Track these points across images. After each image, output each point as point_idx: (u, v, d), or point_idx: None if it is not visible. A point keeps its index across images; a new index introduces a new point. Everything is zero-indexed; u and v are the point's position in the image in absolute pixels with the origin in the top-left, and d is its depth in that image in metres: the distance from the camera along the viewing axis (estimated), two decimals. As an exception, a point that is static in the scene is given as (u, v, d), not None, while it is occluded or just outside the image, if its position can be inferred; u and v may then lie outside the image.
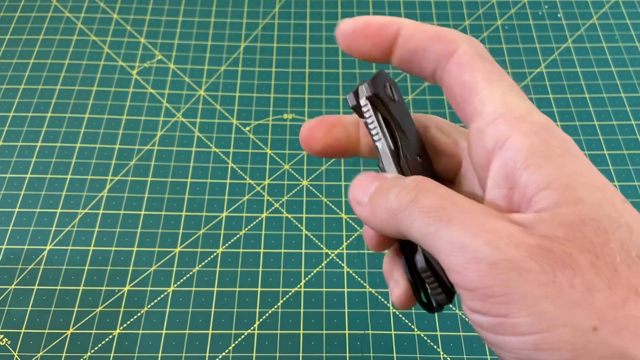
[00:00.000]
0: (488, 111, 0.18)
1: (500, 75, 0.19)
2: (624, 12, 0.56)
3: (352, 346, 0.39)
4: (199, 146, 0.47)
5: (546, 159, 0.16)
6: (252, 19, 0.56)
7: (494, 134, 0.17)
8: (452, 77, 0.19)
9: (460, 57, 0.19)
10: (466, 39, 0.20)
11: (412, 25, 0.20)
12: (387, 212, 0.18)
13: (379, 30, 0.20)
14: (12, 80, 0.51)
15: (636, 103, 0.50)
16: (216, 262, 0.42)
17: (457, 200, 0.17)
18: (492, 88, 0.18)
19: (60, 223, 0.43)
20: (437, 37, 0.19)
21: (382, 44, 0.20)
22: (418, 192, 0.18)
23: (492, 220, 0.16)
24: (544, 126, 0.17)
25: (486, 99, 0.18)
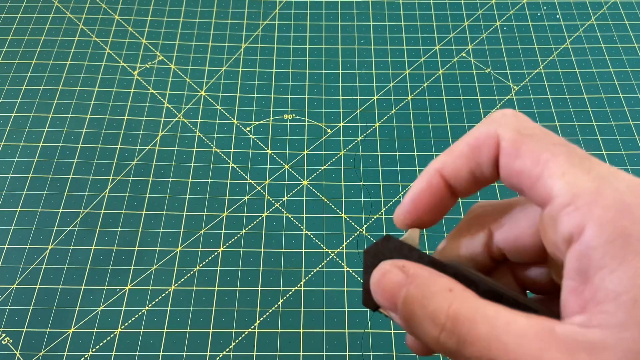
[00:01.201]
0: (555, 199, 0.17)
1: (549, 148, 0.17)
2: (622, 13, 0.56)
3: (352, 345, 0.39)
4: (199, 146, 0.48)
5: (621, 261, 0.15)
6: (252, 20, 0.56)
7: (567, 225, 0.16)
8: (504, 169, 0.18)
9: (503, 148, 0.18)
10: (497, 121, 0.19)
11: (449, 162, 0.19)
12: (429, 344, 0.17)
13: (430, 197, 0.20)
14: (14, 80, 0.51)
15: (634, 103, 0.50)
16: (217, 262, 0.42)
17: (505, 342, 0.16)
18: (549, 171, 0.17)
19: (62, 223, 0.44)
20: (475, 150, 0.19)
21: (443, 204, 0.20)
22: (459, 340, 0.16)
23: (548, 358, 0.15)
24: (619, 207, 0.16)
25: (548, 186, 0.17)
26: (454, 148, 0.20)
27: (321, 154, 0.47)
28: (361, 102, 0.50)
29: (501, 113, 0.19)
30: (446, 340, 0.16)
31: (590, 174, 0.16)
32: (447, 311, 0.17)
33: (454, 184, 0.20)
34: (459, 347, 0.16)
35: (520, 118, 0.19)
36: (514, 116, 0.19)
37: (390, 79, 0.52)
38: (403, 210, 0.20)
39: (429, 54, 0.53)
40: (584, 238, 0.16)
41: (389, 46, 0.54)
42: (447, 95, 0.51)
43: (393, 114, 0.50)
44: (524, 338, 0.16)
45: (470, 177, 0.19)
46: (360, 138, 0.48)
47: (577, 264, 0.16)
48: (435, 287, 0.17)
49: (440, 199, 0.20)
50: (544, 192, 0.17)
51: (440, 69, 0.53)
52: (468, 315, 0.16)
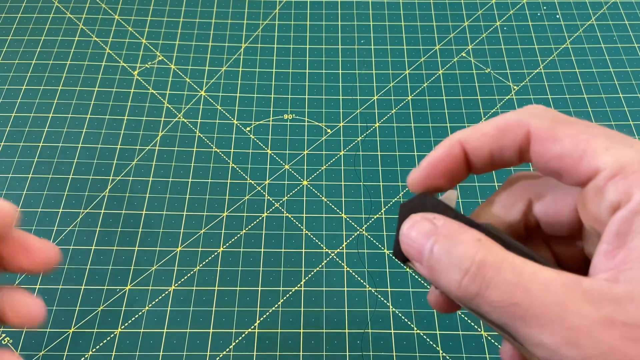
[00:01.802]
0: (602, 171, 0.17)
1: (587, 130, 0.18)
2: (622, 13, 0.56)
3: (352, 345, 0.39)
4: (199, 146, 0.48)
5: None
6: (252, 20, 0.56)
7: (615, 193, 0.17)
8: (542, 156, 0.18)
9: (537, 136, 0.18)
10: (529, 112, 0.19)
11: (473, 137, 0.20)
12: (450, 292, 0.18)
13: (447, 163, 0.20)
14: (14, 80, 0.51)
15: (634, 104, 0.50)
16: (217, 262, 0.42)
17: (530, 286, 0.16)
18: (591, 148, 0.17)
19: (62, 223, 0.44)
20: (502, 132, 0.19)
21: (457, 175, 0.20)
22: (482, 284, 0.16)
23: (572, 310, 0.15)
24: None
25: (593, 161, 0.17)
26: (481, 126, 0.20)
27: (321, 154, 0.47)
28: (361, 102, 0.50)
29: (533, 106, 0.19)
30: (469, 284, 0.17)
31: (633, 147, 0.17)
32: (474, 257, 0.17)
33: (471, 159, 0.20)
34: (482, 291, 0.16)
35: (552, 111, 0.19)
36: (546, 109, 0.19)
37: (390, 79, 0.52)
38: (419, 174, 0.20)
39: (429, 54, 0.53)
40: (631, 204, 0.16)
41: (389, 46, 0.54)
42: (447, 95, 0.51)
43: (393, 114, 0.50)
44: (550, 287, 0.16)
45: (489, 157, 0.20)
46: (360, 138, 0.48)
47: (618, 228, 0.16)
48: (464, 237, 0.18)
49: (456, 168, 0.20)
50: (589, 168, 0.17)
51: (440, 69, 0.53)
52: (495, 262, 0.17)
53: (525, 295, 0.16)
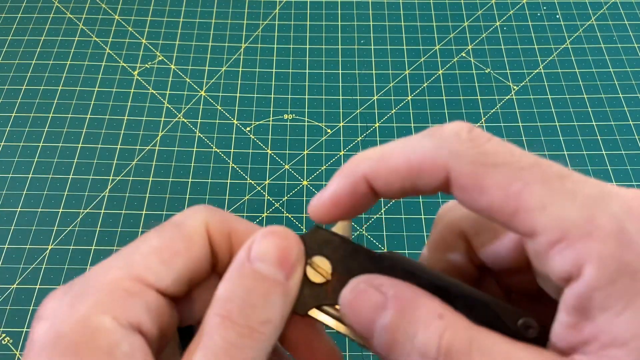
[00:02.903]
0: (540, 235, 0.14)
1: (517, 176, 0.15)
2: (622, 13, 0.56)
3: (352, 345, 0.39)
4: (199, 146, 0.48)
5: (627, 303, 0.13)
6: (252, 20, 0.56)
7: (561, 264, 0.14)
8: (468, 204, 0.16)
9: (459, 183, 0.15)
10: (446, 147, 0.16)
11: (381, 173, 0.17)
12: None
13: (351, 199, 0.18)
14: (14, 80, 0.51)
15: (634, 104, 0.50)
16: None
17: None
18: (525, 204, 0.14)
19: (62, 223, 0.44)
20: (415, 171, 0.16)
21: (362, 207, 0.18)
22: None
23: None
24: (619, 237, 0.14)
25: (528, 222, 0.14)
26: (389, 158, 0.17)
27: (321, 154, 0.47)
28: (361, 102, 0.50)
29: (452, 132, 0.16)
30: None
31: (576, 200, 0.14)
32: (439, 343, 0.14)
33: (379, 191, 0.17)
34: None
35: (476, 140, 0.16)
36: (468, 140, 0.16)
37: (390, 79, 0.52)
38: (321, 207, 0.18)
39: (428, 54, 0.54)
40: (583, 279, 0.14)
41: (388, 46, 0.54)
42: (447, 95, 0.51)
43: (393, 114, 0.50)
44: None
45: (400, 191, 0.17)
46: (360, 138, 0.48)
47: (577, 303, 0.14)
48: (422, 312, 0.15)
49: (362, 202, 0.18)
50: (525, 227, 0.15)
51: (440, 69, 0.53)
52: (462, 348, 0.14)
53: None
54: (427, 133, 0.17)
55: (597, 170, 0.46)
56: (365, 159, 0.17)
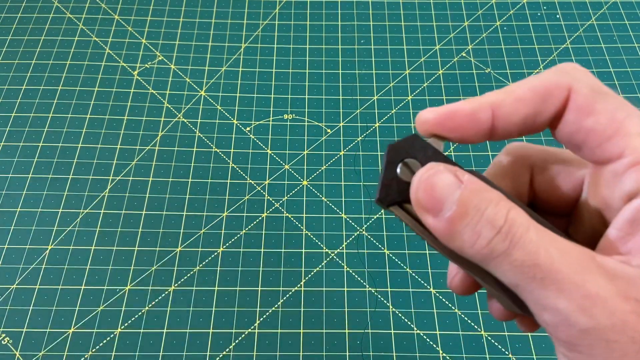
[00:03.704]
0: (627, 156, 0.17)
1: (624, 108, 0.18)
2: (623, 13, 0.56)
3: (352, 345, 0.39)
4: (199, 146, 0.48)
5: None
6: (252, 20, 0.56)
7: (634, 180, 0.17)
8: (571, 125, 0.18)
9: (575, 104, 0.18)
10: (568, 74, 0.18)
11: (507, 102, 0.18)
12: (471, 249, 0.17)
13: (469, 122, 0.19)
14: (14, 80, 0.51)
15: (635, 104, 0.50)
16: (217, 262, 0.42)
17: (551, 251, 0.16)
18: (625, 129, 0.17)
19: (61, 223, 0.44)
20: (541, 97, 0.18)
21: (471, 136, 0.19)
22: (511, 242, 0.16)
23: (589, 279, 0.16)
24: None
25: (621, 143, 0.17)
26: (516, 89, 0.18)
27: (321, 154, 0.47)
28: (361, 102, 0.50)
29: (572, 66, 0.18)
30: (498, 242, 0.16)
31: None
32: (507, 215, 0.16)
33: (498, 124, 0.19)
34: (509, 249, 0.16)
35: (590, 75, 0.18)
36: (586, 72, 0.18)
37: (390, 79, 0.52)
38: (434, 117, 0.19)
39: (429, 54, 0.53)
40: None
41: (388, 46, 0.54)
42: (447, 95, 0.51)
43: (393, 114, 0.50)
44: (569, 254, 0.16)
45: (519, 124, 0.19)
46: (360, 138, 0.48)
47: (632, 216, 0.16)
48: (492, 195, 0.17)
49: (475, 130, 0.19)
50: (615, 149, 0.17)
51: (440, 69, 0.52)
52: (523, 222, 0.16)
53: (547, 258, 0.16)
54: (546, 70, 0.19)
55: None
56: (492, 92, 0.19)
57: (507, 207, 0.17)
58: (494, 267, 0.17)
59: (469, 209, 0.17)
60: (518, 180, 0.21)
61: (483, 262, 0.17)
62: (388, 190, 0.19)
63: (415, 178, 0.18)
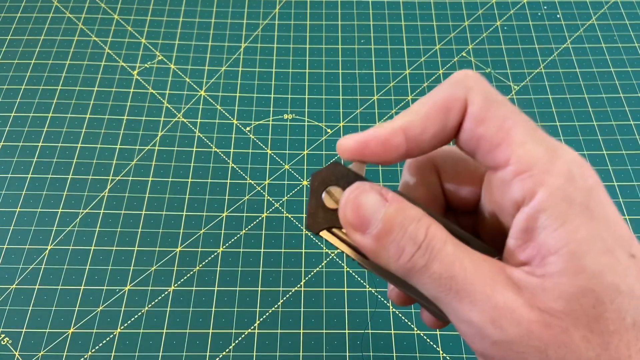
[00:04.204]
0: (512, 165, 0.18)
1: (512, 116, 0.18)
2: (623, 13, 0.56)
3: (352, 345, 0.39)
4: (199, 146, 0.48)
5: (563, 222, 0.17)
6: (252, 20, 0.56)
7: (520, 190, 0.17)
8: (468, 132, 0.19)
9: (471, 114, 0.19)
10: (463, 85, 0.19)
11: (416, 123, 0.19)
12: (395, 264, 0.18)
13: (384, 148, 0.20)
14: (13, 80, 0.51)
15: (635, 103, 0.50)
16: (217, 262, 0.42)
17: (465, 264, 0.17)
18: (510, 138, 0.18)
19: (61, 223, 0.44)
20: (444, 112, 0.19)
21: (388, 159, 0.20)
22: (430, 256, 0.18)
23: (498, 291, 0.17)
24: (567, 176, 0.17)
25: (507, 152, 0.18)
26: (420, 109, 0.20)
27: (321, 154, 0.47)
28: (361, 102, 0.50)
29: (464, 74, 0.19)
30: (419, 257, 0.18)
31: (542, 145, 0.18)
32: (426, 231, 0.18)
33: (411, 145, 0.20)
34: (428, 264, 0.17)
35: (484, 81, 0.19)
36: (479, 79, 0.19)
37: (390, 79, 0.52)
38: (352, 146, 0.20)
39: (429, 54, 0.53)
40: (534, 202, 0.17)
41: (389, 46, 0.54)
42: (447, 95, 0.51)
43: (393, 114, 0.50)
44: (481, 267, 0.17)
45: (431, 139, 0.20)
46: (360, 138, 0.48)
47: (525, 224, 0.17)
48: (415, 212, 0.18)
49: (392, 155, 0.20)
50: (502, 157, 0.18)
51: (440, 68, 0.52)
52: (442, 236, 0.18)
53: (462, 270, 0.17)
54: (443, 83, 0.20)
55: (598, 170, 0.46)
56: (398, 117, 0.20)
57: (427, 224, 0.18)
58: (416, 281, 0.18)
59: (394, 226, 0.18)
60: (429, 182, 0.23)
61: (407, 276, 0.18)
62: (315, 218, 0.20)
63: (343, 198, 0.19)
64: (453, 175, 0.22)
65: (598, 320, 0.16)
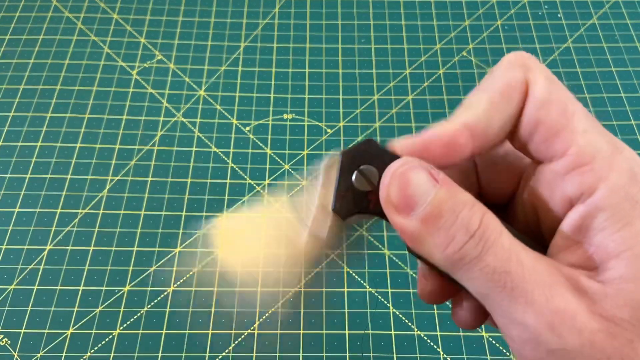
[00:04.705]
0: (570, 154, 0.16)
1: (575, 105, 0.17)
2: (624, 12, 0.56)
3: (352, 346, 0.39)
4: (199, 146, 0.47)
5: (625, 222, 0.15)
6: (252, 19, 0.56)
7: (577, 184, 0.16)
8: (526, 117, 0.17)
9: (533, 97, 0.17)
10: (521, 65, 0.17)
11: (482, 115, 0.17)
12: (441, 253, 0.16)
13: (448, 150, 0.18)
14: (12, 80, 0.51)
15: (636, 103, 0.50)
16: (216, 262, 0.42)
17: (522, 259, 0.15)
18: (572, 125, 0.16)
19: (60, 223, 0.43)
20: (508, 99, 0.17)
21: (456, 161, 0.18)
22: (484, 247, 0.16)
23: (558, 293, 0.15)
24: (630, 175, 0.16)
25: (568, 139, 0.16)
26: (480, 101, 0.17)
27: (321, 154, 0.47)
28: (361, 101, 0.50)
29: (518, 55, 0.18)
30: (471, 247, 0.16)
31: (605, 137, 0.16)
32: (481, 219, 0.16)
33: (478, 142, 0.18)
34: (481, 254, 0.15)
35: (541, 63, 0.18)
36: (535, 60, 0.18)
37: (390, 79, 0.52)
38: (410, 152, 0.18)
39: (429, 53, 0.53)
40: (594, 199, 0.16)
41: (389, 45, 0.54)
42: (447, 95, 0.50)
43: (393, 114, 0.49)
44: (539, 264, 0.16)
45: (500, 132, 0.18)
46: (360, 138, 0.48)
47: (580, 222, 0.16)
48: (467, 197, 0.16)
49: (457, 157, 0.18)
50: (561, 146, 0.16)
51: (440, 68, 0.52)
52: (496, 227, 0.16)
53: (519, 266, 0.15)
54: (495, 69, 0.18)
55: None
56: (458, 113, 0.18)
57: (482, 211, 0.16)
58: (463, 274, 0.16)
59: (444, 210, 0.16)
60: (465, 169, 0.21)
61: (453, 268, 0.16)
62: (343, 201, 0.18)
63: (388, 172, 0.17)
64: (489, 165, 0.20)
65: None
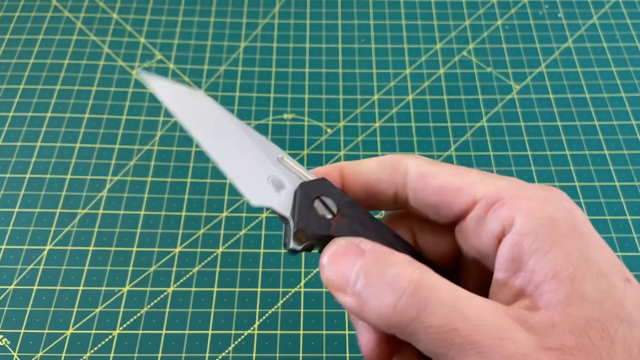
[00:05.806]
0: (480, 201, 0.18)
1: (461, 168, 0.19)
2: (625, 12, 0.56)
3: (353, 346, 0.39)
4: (198, 146, 0.47)
5: (552, 243, 0.16)
6: (252, 19, 0.56)
7: (497, 220, 0.17)
8: (422, 190, 0.19)
9: (416, 172, 0.19)
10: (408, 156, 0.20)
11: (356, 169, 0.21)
12: (379, 318, 0.16)
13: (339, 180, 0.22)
14: (12, 80, 0.51)
15: (636, 103, 0.50)
16: (216, 262, 0.42)
17: (466, 312, 0.15)
18: (468, 180, 0.18)
19: (59, 223, 0.43)
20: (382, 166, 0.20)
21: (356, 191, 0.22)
22: (420, 306, 0.15)
23: (507, 337, 0.15)
24: (540, 198, 0.17)
25: (471, 191, 0.18)
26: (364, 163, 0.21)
27: (321, 154, 0.47)
28: (361, 101, 0.50)
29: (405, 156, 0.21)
30: (406, 306, 0.16)
31: (501, 179, 0.18)
32: (411, 276, 0.16)
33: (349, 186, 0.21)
34: (419, 314, 0.15)
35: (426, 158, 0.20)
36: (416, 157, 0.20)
37: (390, 78, 0.52)
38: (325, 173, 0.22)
39: (429, 53, 0.53)
40: (515, 227, 0.16)
41: (389, 45, 0.54)
42: (448, 95, 0.50)
43: (394, 114, 0.49)
44: (483, 312, 0.15)
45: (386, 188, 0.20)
46: (360, 138, 0.48)
47: (511, 253, 0.17)
48: (395, 258, 0.17)
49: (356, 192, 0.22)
50: (467, 198, 0.18)
51: (441, 68, 0.52)
52: (431, 283, 0.16)
53: (464, 321, 0.15)
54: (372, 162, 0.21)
55: (600, 170, 0.46)
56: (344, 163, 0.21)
57: (412, 269, 0.16)
58: (411, 337, 0.16)
59: (371, 277, 0.17)
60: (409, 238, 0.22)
61: (397, 331, 0.16)
62: (308, 221, 0.20)
63: (322, 260, 0.19)
64: (427, 236, 0.21)
65: (608, 354, 0.15)
